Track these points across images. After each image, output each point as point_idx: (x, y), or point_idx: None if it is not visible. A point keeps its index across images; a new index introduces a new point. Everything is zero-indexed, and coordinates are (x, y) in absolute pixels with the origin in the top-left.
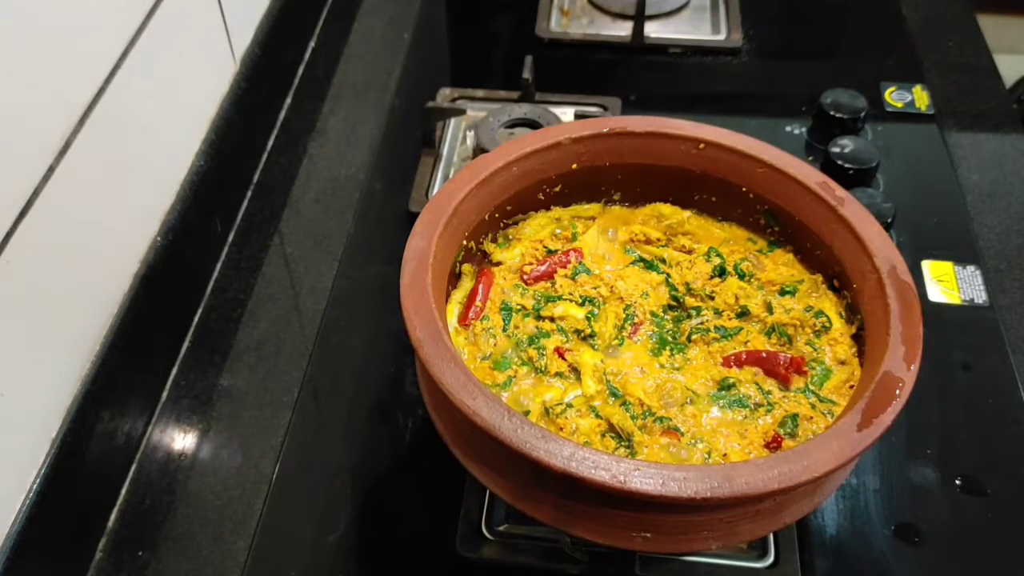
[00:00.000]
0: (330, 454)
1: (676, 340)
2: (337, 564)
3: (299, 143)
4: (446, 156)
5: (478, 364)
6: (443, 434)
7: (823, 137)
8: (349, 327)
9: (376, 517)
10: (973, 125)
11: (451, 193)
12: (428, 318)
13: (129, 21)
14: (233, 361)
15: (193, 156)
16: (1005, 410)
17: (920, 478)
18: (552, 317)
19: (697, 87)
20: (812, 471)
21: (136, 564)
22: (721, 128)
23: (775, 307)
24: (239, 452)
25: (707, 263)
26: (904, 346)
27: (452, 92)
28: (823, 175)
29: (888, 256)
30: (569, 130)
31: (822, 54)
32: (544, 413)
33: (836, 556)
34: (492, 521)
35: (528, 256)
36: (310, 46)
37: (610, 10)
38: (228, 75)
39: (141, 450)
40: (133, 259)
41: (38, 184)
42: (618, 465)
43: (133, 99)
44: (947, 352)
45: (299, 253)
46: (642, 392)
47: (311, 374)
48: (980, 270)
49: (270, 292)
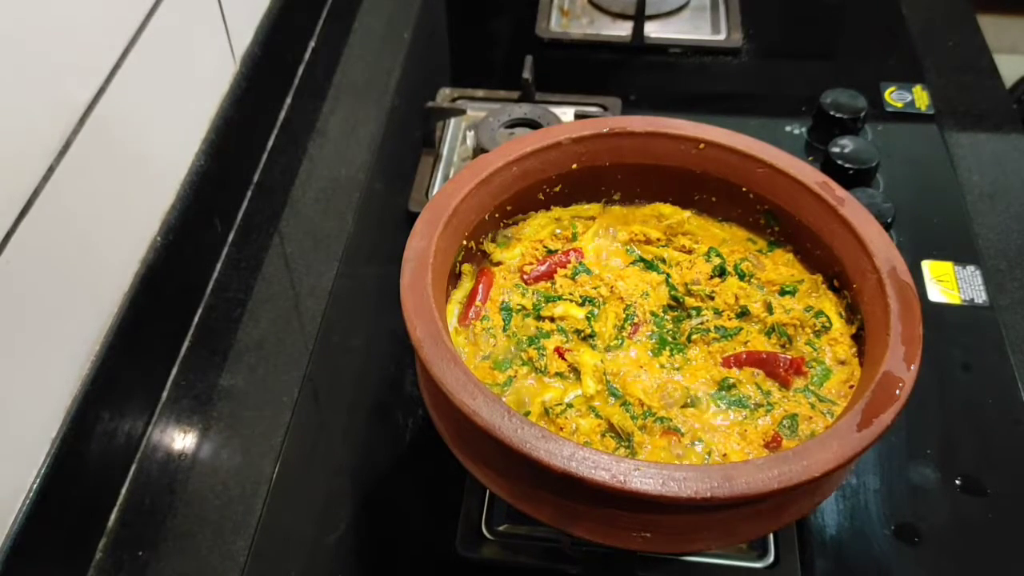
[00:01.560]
0: (330, 454)
1: (676, 340)
2: (337, 564)
3: (299, 143)
4: (446, 156)
5: (478, 364)
6: (443, 434)
7: (823, 137)
8: (349, 327)
9: (376, 517)
10: (973, 125)
11: (451, 193)
12: (428, 318)
13: (129, 21)
14: (233, 361)
15: (193, 156)
16: (1005, 410)
17: (920, 478)
18: (552, 317)
19: (697, 87)
20: (812, 471)
21: (136, 564)
22: (721, 128)
23: (775, 307)
24: (239, 452)
25: (707, 263)
26: (904, 346)
27: (452, 92)
28: (823, 175)
29: (888, 256)
30: (569, 130)
31: (822, 54)
32: (544, 413)
33: (836, 556)
34: (492, 521)
35: (528, 256)
36: (310, 46)
37: (610, 10)
38: (228, 75)
39: (141, 450)
40: (133, 259)
41: (38, 184)
42: (618, 465)
43: (133, 99)
44: (947, 352)
45: (299, 253)
46: (642, 392)
47: (311, 374)
48: (980, 270)
49: (270, 292)
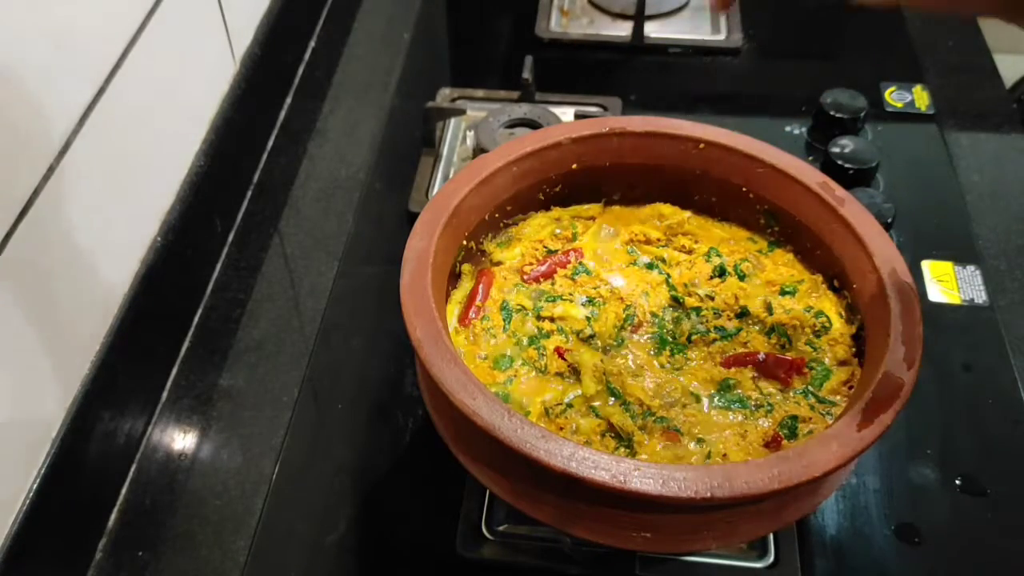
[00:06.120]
0: (330, 454)
1: (676, 340)
2: (337, 564)
3: (299, 143)
4: (446, 156)
5: (478, 364)
6: (443, 434)
7: (823, 137)
8: (349, 327)
9: (376, 517)
10: (973, 125)
11: (451, 193)
12: (428, 318)
13: (129, 21)
14: (233, 361)
15: (193, 156)
16: (1005, 410)
17: (920, 478)
18: (552, 317)
19: (697, 87)
20: (812, 471)
21: (136, 564)
22: (721, 128)
23: (775, 307)
24: (239, 452)
25: (707, 263)
26: (904, 346)
27: (452, 92)
28: (823, 175)
29: (888, 256)
30: (569, 130)
31: (822, 54)
32: (544, 413)
33: (836, 556)
34: (492, 521)
35: (528, 256)
36: (310, 46)
37: (610, 10)
38: (228, 75)
39: (141, 450)
40: (133, 259)
41: (38, 184)
42: (618, 465)
43: (133, 99)
44: (947, 352)
45: (299, 253)
46: (642, 392)
47: (311, 374)
48: (980, 270)
49: (270, 292)
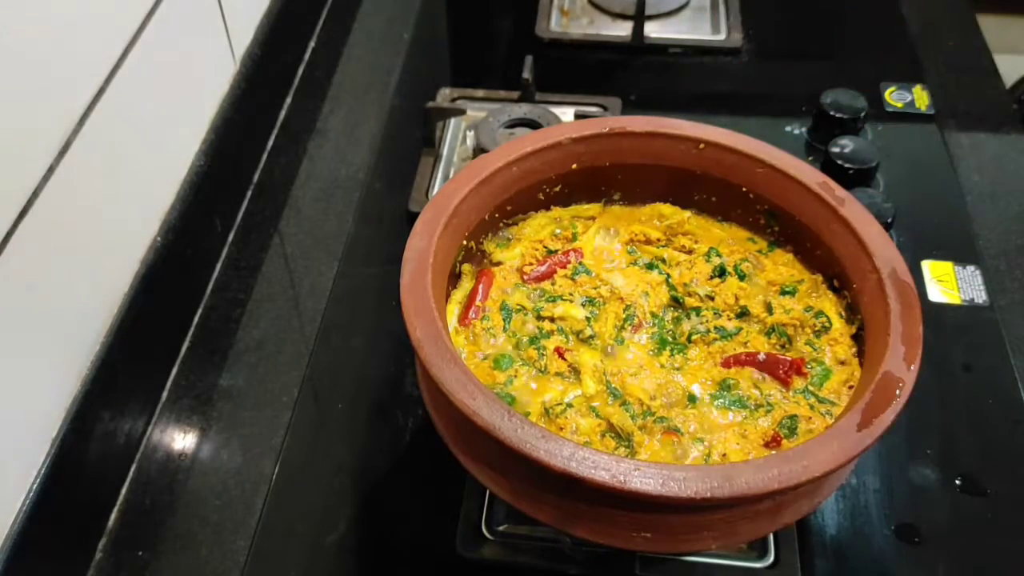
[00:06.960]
0: (330, 454)
1: (676, 340)
2: (337, 564)
3: (299, 143)
4: (446, 156)
5: (478, 364)
6: (443, 434)
7: (823, 137)
8: (349, 327)
9: (376, 517)
10: (973, 125)
11: (451, 193)
12: (428, 318)
13: (129, 21)
14: (233, 361)
15: (193, 156)
16: (1005, 410)
17: (920, 478)
18: (552, 317)
19: (697, 87)
20: (812, 471)
21: (136, 564)
22: (721, 128)
23: (775, 307)
24: (239, 452)
25: (707, 263)
26: (904, 346)
27: (452, 92)
28: (823, 175)
29: (888, 256)
30: (569, 130)
31: (822, 54)
32: (544, 413)
33: (836, 556)
34: (492, 521)
35: (528, 256)
36: (310, 46)
37: (610, 10)
38: (228, 75)
39: (141, 450)
40: (133, 259)
41: (38, 184)
42: (618, 465)
43: (133, 99)
44: (947, 352)
45: (299, 253)
46: (642, 392)
47: (311, 374)
48: (980, 270)
49: (270, 292)
